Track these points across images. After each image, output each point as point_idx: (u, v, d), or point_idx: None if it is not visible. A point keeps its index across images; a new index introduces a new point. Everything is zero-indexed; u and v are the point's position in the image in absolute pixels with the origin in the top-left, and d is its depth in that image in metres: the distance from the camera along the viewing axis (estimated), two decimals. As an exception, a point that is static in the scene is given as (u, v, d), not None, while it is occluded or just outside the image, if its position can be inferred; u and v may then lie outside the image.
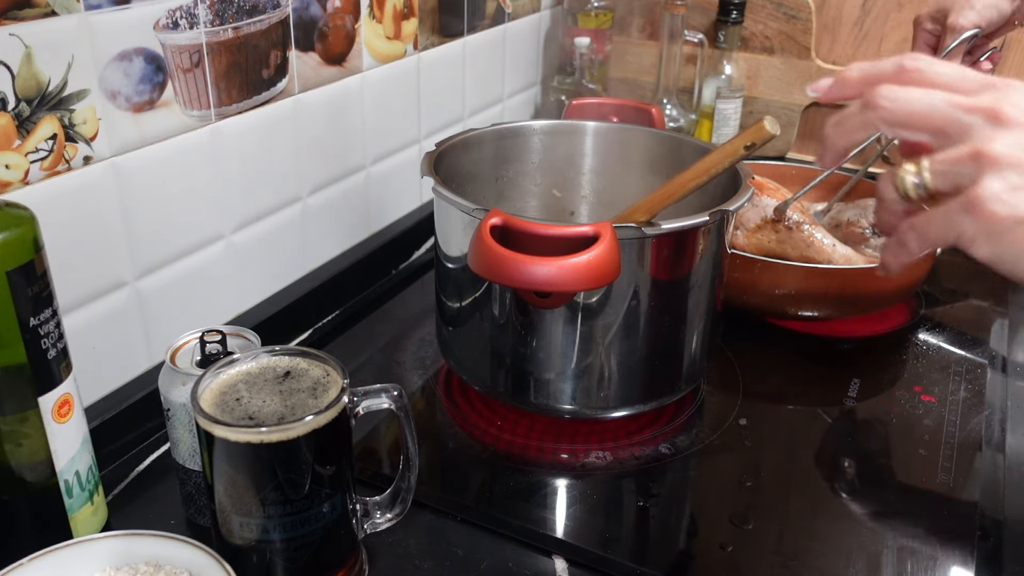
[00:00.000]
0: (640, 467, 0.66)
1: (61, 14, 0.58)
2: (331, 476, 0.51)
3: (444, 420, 0.72)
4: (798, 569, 0.57)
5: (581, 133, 0.82)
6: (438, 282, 0.72)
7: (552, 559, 0.58)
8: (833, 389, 0.77)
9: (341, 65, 0.86)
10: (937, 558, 0.58)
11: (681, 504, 0.64)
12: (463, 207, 0.62)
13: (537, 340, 0.64)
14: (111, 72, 0.62)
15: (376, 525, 0.56)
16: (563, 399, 0.66)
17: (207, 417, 0.48)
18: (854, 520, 0.61)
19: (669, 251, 0.63)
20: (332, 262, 0.91)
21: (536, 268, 0.55)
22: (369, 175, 0.95)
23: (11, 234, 0.47)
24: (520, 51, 1.23)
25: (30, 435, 0.51)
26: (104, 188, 0.64)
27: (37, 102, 0.58)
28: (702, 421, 0.72)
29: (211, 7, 0.69)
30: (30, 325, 0.49)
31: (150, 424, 0.69)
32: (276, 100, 0.79)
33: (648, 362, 0.66)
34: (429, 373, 0.78)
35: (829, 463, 0.68)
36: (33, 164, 0.59)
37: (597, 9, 1.24)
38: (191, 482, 0.59)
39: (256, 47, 0.75)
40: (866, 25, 1.18)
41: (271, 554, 0.50)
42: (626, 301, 0.62)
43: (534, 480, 0.65)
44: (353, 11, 0.86)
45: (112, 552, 0.51)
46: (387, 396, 0.53)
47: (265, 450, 0.48)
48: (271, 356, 0.54)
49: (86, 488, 0.55)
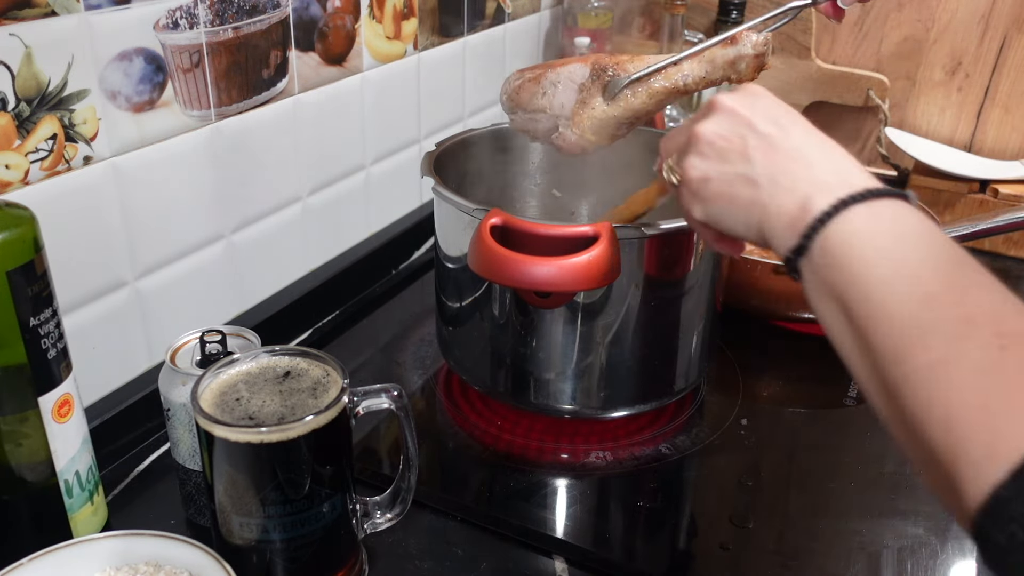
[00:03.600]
0: (640, 467, 0.66)
1: (61, 14, 0.58)
2: (331, 476, 0.51)
3: (444, 420, 0.72)
4: (798, 569, 0.57)
5: (581, 133, 0.82)
6: (438, 282, 0.72)
7: (552, 559, 0.58)
8: (833, 389, 0.76)
9: (341, 65, 0.86)
10: (937, 558, 0.58)
11: (681, 504, 0.64)
12: (463, 207, 0.62)
13: (537, 340, 0.64)
14: (111, 72, 0.62)
15: (376, 525, 0.56)
16: (563, 399, 0.66)
17: (207, 417, 0.48)
18: (854, 520, 0.61)
19: (669, 251, 0.63)
20: (332, 262, 0.91)
21: (536, 268, 0.55)
22: (369, 175, 0.95)
23: (11, 234, 0.47)
24: (520, 51, 1.23)
25: (30, 435, 0.51)
26: (104, 188, 0.64)
27: (37, 102, 0.58)
28: (702, 421, 0.72)
29: (211, 7, 0.69)
30: (30, 325, 0.49)
31: (150, 424, 0.69)
32: (276, 100, 0.79)
33: (648, 362, 0.66)
34: (429, 373, 0.78)
35: (829, 463, 0.68)
36: (33, 164, 0.59)
37: (597, 9, 1.24)
38: (191, 482, 0.59)
39: (256, 47, 0.75)
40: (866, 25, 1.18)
41: (271, 554, 0.50)
42: (626, 301, 0.62)
43: (534, 480, 0.65)
44: (353, 11, 0.86)
45: (112, 552, 0.51)
46: (387, 396, 0.53)
47: (265, 450, 0.48)
48: (271, 356, 0.54)
49: (86, 488, 0.55)
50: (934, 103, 1.16)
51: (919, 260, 0.38)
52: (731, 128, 0.47)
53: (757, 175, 0.44)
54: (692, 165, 0.48)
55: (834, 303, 0.40)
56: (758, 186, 0.44)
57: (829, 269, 0.40)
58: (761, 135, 0.45)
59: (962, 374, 0.34)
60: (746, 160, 0.45)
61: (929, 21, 1.13)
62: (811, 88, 1.21)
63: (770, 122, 0.45)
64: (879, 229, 0.39)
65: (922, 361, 0.35)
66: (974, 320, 0.35)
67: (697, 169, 0.48)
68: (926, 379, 0.35)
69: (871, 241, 0.39)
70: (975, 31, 1.10)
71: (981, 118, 1.13)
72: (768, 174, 0.44)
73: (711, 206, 0.47)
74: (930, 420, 0.34)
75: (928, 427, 0.34)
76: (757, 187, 0.44)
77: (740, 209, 0.46)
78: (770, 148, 0.45)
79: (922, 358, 0.35)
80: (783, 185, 0.43)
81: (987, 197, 1.06)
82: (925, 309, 0.36)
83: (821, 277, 0.41)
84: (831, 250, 0.40)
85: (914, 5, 1.15)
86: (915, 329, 0.36)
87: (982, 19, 1.10)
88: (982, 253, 1.04)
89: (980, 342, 0.34)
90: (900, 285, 0.37)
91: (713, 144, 0.47)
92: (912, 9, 1.15)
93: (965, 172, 1.07)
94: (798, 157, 0.44)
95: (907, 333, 0.36)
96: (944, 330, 0.35)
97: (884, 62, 1.18)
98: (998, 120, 1.12)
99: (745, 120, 0.46)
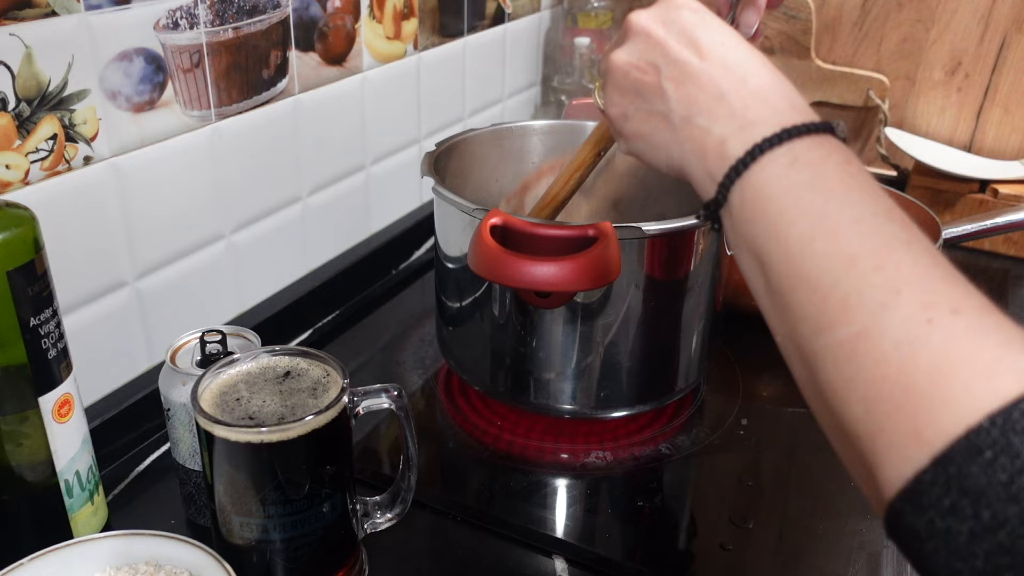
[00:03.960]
0: (640, 467, 0.66)
1: (61, 14, 0.58)
2: (331, 476, 0.51)
3: (444, 420, 0.72)
4: (798, 569, 0.57)
5: (581, 133, 0.82)
6: (438, 282, 0.72)
7: (552, 559, 0.58)
8: (833, 389, 0.76)
9: (341, 65, 0.86)
10: (937, 558, 0.58)
11: (681, 504, 0.64)
12: (463, 207, 0.62)
13: (537, 340, 0.64)
14: (111, 72, 0.62)
15: (376, 525, 0.56)
16: (563, 399, 0.66)
17: (207, 417, 0.48)
18: (854, 520, 0.61)
19: (669, 251, 0.63)
20: (332, 262, 0.91)
21: (536, 268, 0.55)
22: (369, 175, 0.95)
23: (11, 234, 0.47)
24: (520, 51, 1.23)
25: (30, 435, 0.51)
26: (104, 188, 0.64)
27: (37, 102, 0.58)
28: (702, 421, 0.72)
29: (211, 7, 0.69)
30: (30, 325, 0.49)
31: (150, 424, 0.69)
32: (276, 100, 0.79)
33: (648, 362, 0.66)
34: (429, 373, 0.78)
35: (829, 463, 0.68)
36: (33, 164, 0.59)
37: (597, 9, 1.24)
38: (191, 482, 0.59)
39: (256, 47, 0.75)
40: (866, 25, 1.18)
41: (271, 554, 0.50)
42: (626, 301, 0.62)
43: (534, 480, 0.65)
44: (353, 11, 0.86)
45: (112, 552, 0.51)
46: (387, 396, 0.53)
47: (265, 450, 0.48)
48: (271, 356, 0.54)
49: (86, 488, 0.55)
50: (934, 103, 1.16)
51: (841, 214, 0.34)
52: (644, 55, 0.43)
53: (671, 112, 0.41)
54: (612, 102, 0.45)
55: (754, 259, 0.37)
56: (673, 126, 0.41)
57: (747, 224, 0.37)
58: (674, 62, 0.41)
59: (884, 349, 0.31)
60: (660, 95, 0.41)
61: (929, 21, 1.13)
62: (811, 88, 1.21)
63: (685, 43, 0.41)
64: (798, 178, 0.36)
65: (842, 334, 0.32)
66: (899, 288, 0.32)
67: (616, 106, 0.44)
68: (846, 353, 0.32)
69: (790, 192, 0.36)
70: (975, 31, 1.10)
71: (981, 118, 1.13)
72: (682, 112, 0.40)
73: (633, 144, 0.45)
74: (849, 397, 0.32)
75: (847, 404, 0.32)
76: (673, 127, 0.41)
77: (660, 150, 0.42)
78: (684, 77, 0.41)
79: (842, 330, 0.32)
80: (698, 124, 0.40)
81: (987, 197, 1.06)
82: (846, 272, 0.33)
83: (740, 232, 0.38)
84: (748, 202, 0.37)
85: (914, 5, 1.15)
86: (835, 296, 0.33)
87: (982, 19, 1.10)
88: (982, 253, 1.04)
89: (905, 313, 0.31)
90: (820, 243, 0.34)
91: (628, 75, 0.43)
92: (912, 9, 1.15)
93: (965, 172, 1.07)
94: (712, 87, 0.40)
95: (827, 300, 0.33)
96: (866, 298, 0.32)
97: (884, 62, 1.18)
98: (998, 120, 1.12)
99: (658, 43, 0.42)
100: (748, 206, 0.37)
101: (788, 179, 0.36)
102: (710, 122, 0.39)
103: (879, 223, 0.34)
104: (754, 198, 0.37)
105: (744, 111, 0.38)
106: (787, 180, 0.36)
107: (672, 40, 0.41)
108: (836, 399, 0.33)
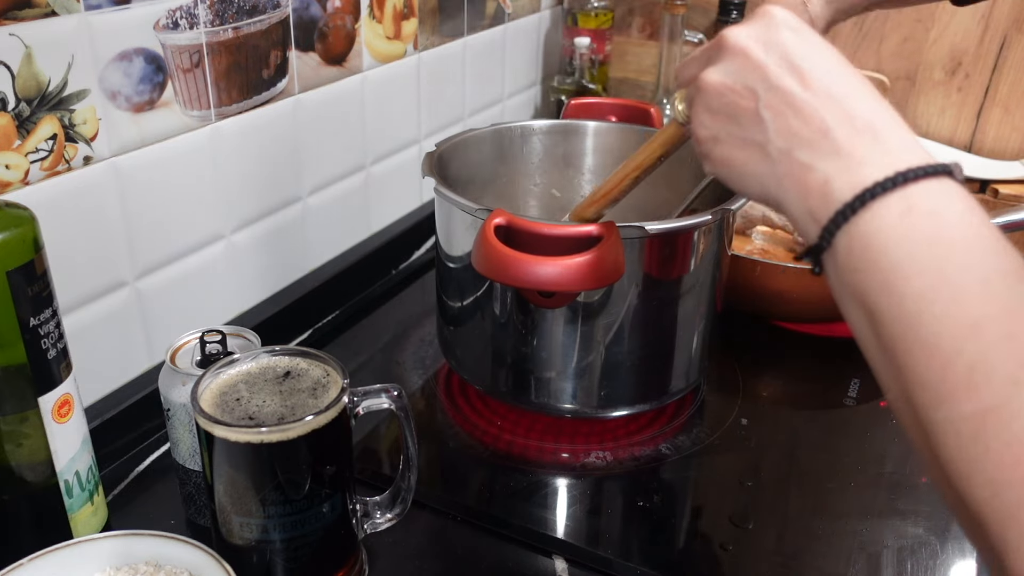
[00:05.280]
0: (640, 467, 0.66)
1: (61, 14, 0.58)
2: (331, 476, 0.51)
3: (444, 420, 0.72)
4: (798, 569, 0.57)
5: (581, 133, 0.82)
6: (439, 282, 0.72)
7: (552, 559, 0.58)
8: (833, 389, 0.76)
9: (341, 65, 0.86)
10: (937, 558, 0.58)
11: (681, 504, 0.64)
12: (466, 207, 0.62)
13: (538, 339, 0.64)
14: (111, 72, 0.62)
15: (376, 525, 0.56)
16: (564, 398, 0.66)
17: (207, 417, 0.48)
18: (854, 520, 0.61)
19: (670, 250, 0.63)
20: (332, 262, 0.91)
21: (541, 268, 0.55)
22: (369, 175, 0.95)
23: (11, 234, 0.47)
24: (520, 51, 1.23)
25: (30, 435, 0.51)
26: (104, 188, 0.64)
27: (37, 102, 0.58)
28: (702, 421, 0.72)
29: (211, 7, 0.69)
30: (30, 325, 0.49)
31: (150, 424, 0.69)
32: (276, 100, 0.79)
33: (648, 362, 0.66)
34: (429, 373, 0.78)
35: (829, 463, 0.68)
36: (33, 164, 0.59)
37: (597, 9, 1.24)
38: (191, 482, 0.59)
39: (256, 47, 0.75)
40: (866, 25, 1.18)
41: (271, 554, 0.50)
42: (627, 300, 0.62)
43: (534, 480, 0.64)
44: (353, 11, 0.86)
45: (112, 552, 0.50)
46: (387, 396, 0.53)
47: (265, 450, 0.48)
48: (271, 356, 0.54)
49: (86, 488, 0.55)
50: (934, 103, 1.16)
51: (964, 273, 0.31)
52: (741, 77, 0.39)
53: (769, 143, 0.38)
54: (700, 122, 0.42)
55: (862, 312, 0.34)
56: (771, 159, 0.38)
57: (855, 273, 0.34)
58: (774, 88, 0.38)
59: (1016, 430, 0.28)
60: (758, 123, 0.38)
61: (929, 21, 1.13)
62: (811, 88, 1.21)
63: (787, 68, 0.38)
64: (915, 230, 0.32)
65: (967, 409, 0.29)
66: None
67: (706, 128, 0.41)
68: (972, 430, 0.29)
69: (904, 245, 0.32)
70: (975, 31, 1.11)
71: (981, 118, 1.13)
72: (781, 144, 0.37)
73: (721, 170, 0.41)
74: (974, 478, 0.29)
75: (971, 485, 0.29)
76: (770, 160, 0.38)
77: (752, 180, 0.39)
78: (785, 107, 0.37)
79: (967, 406, 0.29)
80: (799, 160, 0.36)
81: (987, 197, 1.06)
82: (970, 340, 0.30)
83: (846, 281, 0.34)
84: (857, 252, 0.33)
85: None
86: (959, 366, 0.30)
87: (982, 19, 1.10)
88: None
89: None
90: (941, 305, 0.31)
91: (723, 97, 0.40)
92: (912, 9, 1.15)
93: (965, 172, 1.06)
94: (816, 120, 0.36)
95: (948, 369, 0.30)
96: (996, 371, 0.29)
97: (884, 62, 1.18)
98: (998, 120, 1.12)
99: (758, 66, 0.38)
100: (857, 256, 0.33)
101: (903, 230, 0.32)
102: (813, 158, 0.36)
103: (1008, 284, 0.31)
104: (864, 248, 0.33)
105: (852, 149, 0.35)
106: (901, 231, 0.32)
107: (773, 64, 0.38)
108: (958, 476, 0.30)
